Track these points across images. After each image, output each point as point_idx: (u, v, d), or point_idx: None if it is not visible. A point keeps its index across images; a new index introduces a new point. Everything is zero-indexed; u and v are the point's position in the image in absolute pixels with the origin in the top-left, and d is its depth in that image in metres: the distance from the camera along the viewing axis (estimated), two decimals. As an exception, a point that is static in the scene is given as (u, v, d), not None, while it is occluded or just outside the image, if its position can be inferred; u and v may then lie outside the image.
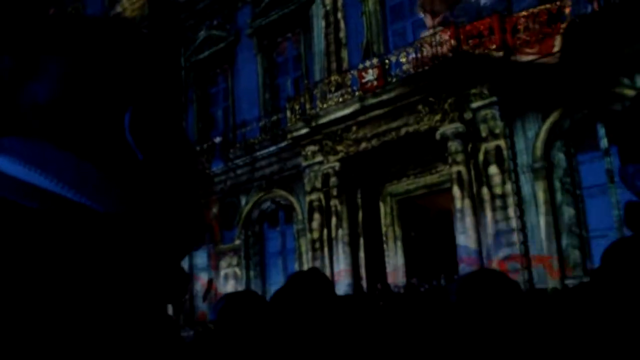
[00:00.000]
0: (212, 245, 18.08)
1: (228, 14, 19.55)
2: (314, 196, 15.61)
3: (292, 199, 16.70)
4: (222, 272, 17.80)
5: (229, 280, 17.59)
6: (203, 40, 20.13)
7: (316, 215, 15.51)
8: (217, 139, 18.72)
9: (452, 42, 13.74)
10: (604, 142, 12.14)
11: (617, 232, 11.37)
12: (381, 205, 15.36)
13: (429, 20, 15.39)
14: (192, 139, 19.53)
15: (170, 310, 13.28)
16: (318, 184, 15.56)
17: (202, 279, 18.23)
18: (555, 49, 12.54)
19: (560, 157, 12.51)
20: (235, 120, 18.86)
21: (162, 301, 0.59)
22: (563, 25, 12.55)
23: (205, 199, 18.27)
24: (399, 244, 14.98)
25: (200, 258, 18.47)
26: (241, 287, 16.85)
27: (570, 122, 12.52)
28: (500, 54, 13.00)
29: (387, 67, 14.90)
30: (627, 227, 1.08)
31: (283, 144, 16.62)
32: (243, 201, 17.89)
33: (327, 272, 14.95)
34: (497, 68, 13.05)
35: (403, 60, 14.65)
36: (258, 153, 17.47)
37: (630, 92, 11.62)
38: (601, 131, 12.17)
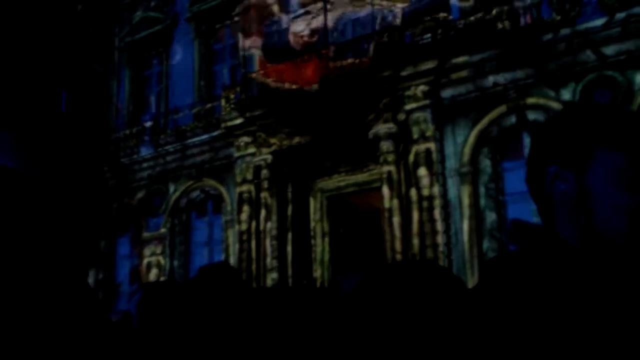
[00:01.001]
0: (135, 233, 17.70)
1: (166, -4, 19.16)
2: (244, 187, 15.50)
3: (222, 189, 16.53)
4: (146, 261, 17.45)
5: (152, 269, 17.26)
6: (139, 21, 19.62)
7: (245, 207, 15.42)
8: (148, 124, 18.30)
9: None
10: (528, 151, 12.53)
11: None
12: (311, 200, 15.41)
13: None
14: (122, 122, 19.09)
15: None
16: (249, 176, 15.45)
17: (125, 266, 17.82)
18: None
19: (486, 163, 12.88)
20: (168, 105, 18.49)
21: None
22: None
23: (130, 185, 17.87)
24: (327, 240, 15.07)
25: (123, 245, 18.06)
26: (164, 277, 16.58)
27: (497, 130, 12.90)
28: (435, 62, 13.25)
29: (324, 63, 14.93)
30: (511, 242, 1.16)
31: (216, 133, 16.41)
32: (172, 189, 17.58)
33: (254, 265, 14.90)
34: (434, 72, 13.30)
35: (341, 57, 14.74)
36: (190, 140, 17.19)
37: (555, 104, 12.08)
38: (526, 140, 12.59)
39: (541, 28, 12.53)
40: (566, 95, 12.04)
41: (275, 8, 16.77)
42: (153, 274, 17.03)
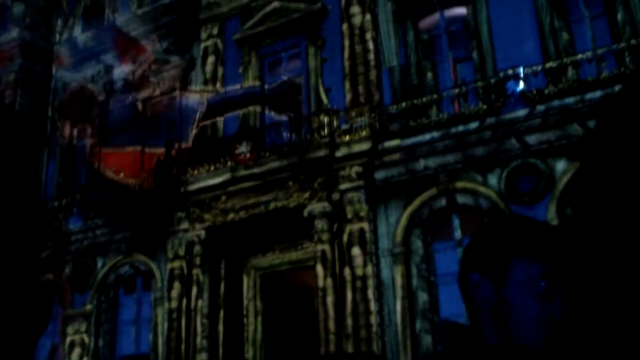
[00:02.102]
0: (60, 309, 16.93)
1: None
2: (176, 264, 15.23)
3: (153, 265, 16.15)
4: (69, 339, 16.64)
5: (75, 348, 16.45)
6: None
7: (176, 284, 15.10)
8: (78, 196, 17.86)
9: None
10: (457, 233, 13.00)
11: (466, 319, 12.03)
12: (245, 278, 15.25)
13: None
14: (50, 193, 18.55)
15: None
16: (181, 252, 15.22)
17: (45, 346, 16.92)
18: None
19: (418, 244, 13.20)
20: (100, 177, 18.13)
21: None
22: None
23: (57, 259, 17.24)
24: (260, 319, 14.86)
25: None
26: (87, 357, 15.85)
27: (428, 212, 13.31)
28: (369, 144, 13.70)
29: (260, 140, 15.19)
30: (440, 342, 1.31)
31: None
32: (100, 263, 17.04)
33: (183, 345, 14.48)
34: (367, 154, 13.71)
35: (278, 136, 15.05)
36: (121, 214, 16.84)
37: (482, 189, 12.63)
38: (455, 222, 13.04)
39: (469, 116, 13.21)
40: (492, 180, 12.63)
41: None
42: (76, 354, 16.22)
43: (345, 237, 13.56)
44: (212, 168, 15.11)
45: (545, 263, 1.19)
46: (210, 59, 17.45)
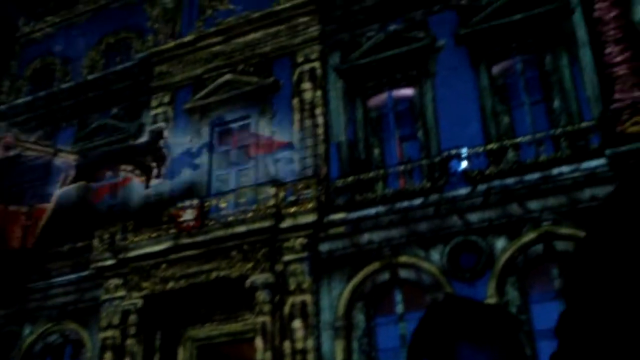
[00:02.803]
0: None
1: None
2: (109, 333, 14.59)
3: (84, 334, 15.42)
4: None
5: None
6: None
7: (108, 355, 14.42)
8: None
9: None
10: (399, 307, 12.95)
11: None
12: (180, 349, 14.70)
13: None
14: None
15: None
16: (116, 321, 14.63)
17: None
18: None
19: (360, 317, 13.06)
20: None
21: None
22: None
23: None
24: (195, 392, 14.26)
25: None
26: None
27: (371, 286, 13.26)
28: (315, 216, 13.74)
29: (206, 209, 15.06)
30: None
31: (85, 273, 15.63)
32: (27, 331, 16.19)
33: (111, 419, 13.71)
34: (313, 226, 13.71)
35: (223, 205, 14.95)
36: (53, 280, 16.22)
37: (425, 264, 12.70)
38: (398, 296, 13.01)
39: (413, 192, 13.46)
40: (435, 255, 12.75)
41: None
42: None
43: (286, 310, 13.32)
44: (154, 235, 14.82)
45: (493, 348, 1.18)
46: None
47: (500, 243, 12.25)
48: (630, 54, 12.74)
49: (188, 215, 14.97)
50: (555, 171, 12.22)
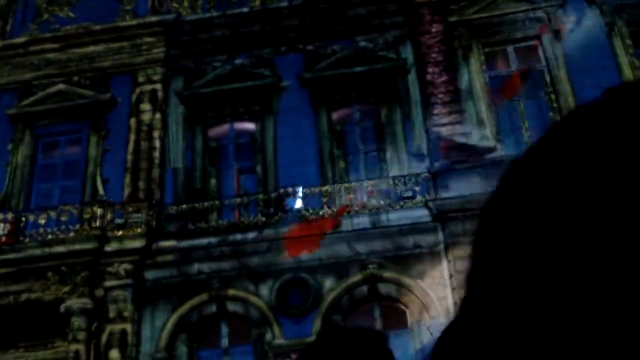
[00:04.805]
0: None
1: None
2: None
3: None
4: None
5: None
6: None
7: None
8: None
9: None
10: (225, 341, 12.87)
11: None
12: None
13: None
14: None
15: None
16: None
17: None
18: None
19: (183, 349, 12.76)
20: None
21: None
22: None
23: None
24: None
25: None
26: None
27: (197, 317, 13.05)
28: (143, 241, 13.33)
29: (22, 224, 13.99)
30: None
31: None
32: None
33: None
34: (140, 252, 13.26)
35: (42, 221, 13.98)
36: None
37: (254, 298, 12.78)
38: (224, 330, 12.94)
39: (247, 226, 13.56)
40: (264, 290, 12.89)
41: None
42: None
43: (104, 338, 12.66)
44: (-42, 248, 13.41)
45: None
46: (-25, 131, 15.94)
47: (329, 282, 12.72)
48: (455, 117, 14.09)
49: (0, 229, 13.81)
50: (383, 217, 13.02)
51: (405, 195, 13.18)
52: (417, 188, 13.26)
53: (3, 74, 16.60)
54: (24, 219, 14.08)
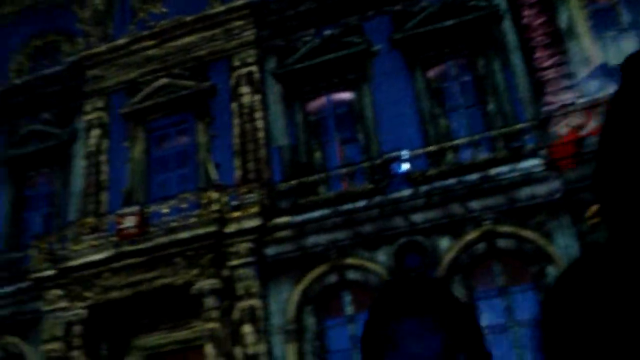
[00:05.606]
0: None
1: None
2: (53, 345, 14.16)
3: (26, 348, 14.91)
4: None
5: None
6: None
7: (52, 368, 14.03)
8: None
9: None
10: (349, 309, 13.25)
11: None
12: (128, 359, 14.48)
13: None
14: None
15: None
16: (59, 332, 14.21)
17: None
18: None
19: (310, 320, 13.26)
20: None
21: None
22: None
23: None
24: (143, 403, 14.09)
25: None
26: None
27: (320, 288, 13.49)
28: (259, 220, 13.82)
29: (147, 216, 14.87)
30: None
31: (23, 285, 15.11)
32: (-40, 348, 15.50)
33: None
34: (257, 230, 13.79)
35: (165, 211, 14.78)
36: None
37: (371, 265, 13.04)
38: (347, 298, 13.31)
39: (356, 195, 13.77)
40: (381, 257, 13.11)
41: None
42: None
43: (236, 315, 13.36)
44: (94, 243, 14.50)
45: (439, 320, 1.14)
46: (95, 132, 17.03)
47: (444, 243, 12.75)
48: (558, 58, 13.52)
49: (128, 222, 14.74)
50: (493, 172, 12.81)
51: (514, 145, 12.88)
52: (526, 137, 12.92)
53: (110, 76, 17.55)
54: (148, 210, 14.94)
